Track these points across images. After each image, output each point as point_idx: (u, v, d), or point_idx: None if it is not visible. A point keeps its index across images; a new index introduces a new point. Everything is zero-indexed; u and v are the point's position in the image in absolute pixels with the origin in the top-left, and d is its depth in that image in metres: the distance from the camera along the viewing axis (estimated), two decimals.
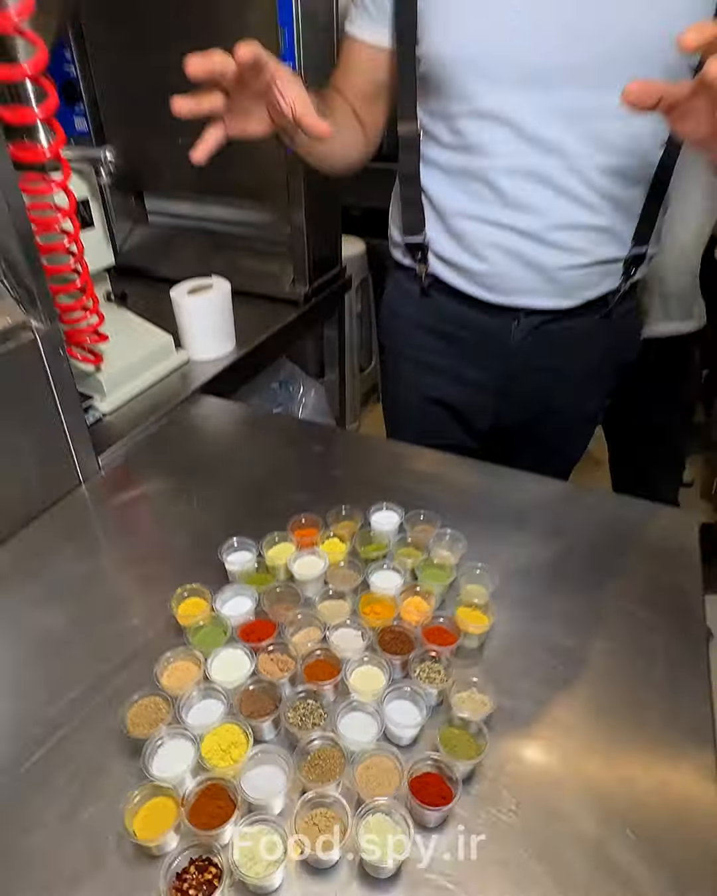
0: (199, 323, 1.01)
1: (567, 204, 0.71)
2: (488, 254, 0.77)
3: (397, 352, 0.95)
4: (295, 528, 0.64)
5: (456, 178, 0.76)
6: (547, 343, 0.82)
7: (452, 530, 0.63)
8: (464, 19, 0.66)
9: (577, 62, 0.63)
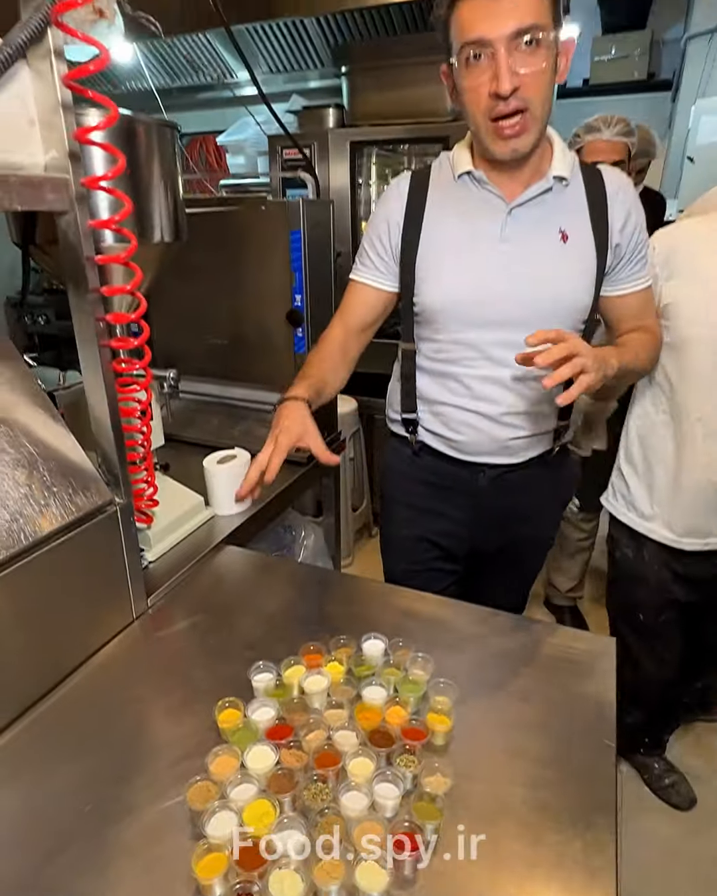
0: (224, 486, 1.27)
1: (514, 397, 1.07)
2: (462, 429, 1.12)
3: (394, 499, 1.30)
4: (305, 654, 0.85)
5: (439, 379, 1.12)
6: (505, 487, 1.16)
7: (423, 654, 0.83)
8: (447, 286, 1.02)
9: (521, 315, 1.00)
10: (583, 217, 1.01)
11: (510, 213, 1.00)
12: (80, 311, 0.81)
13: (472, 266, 1.02)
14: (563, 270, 1.00)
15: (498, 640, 0.93)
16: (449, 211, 1.04)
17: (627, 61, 4.52)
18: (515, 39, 0.83)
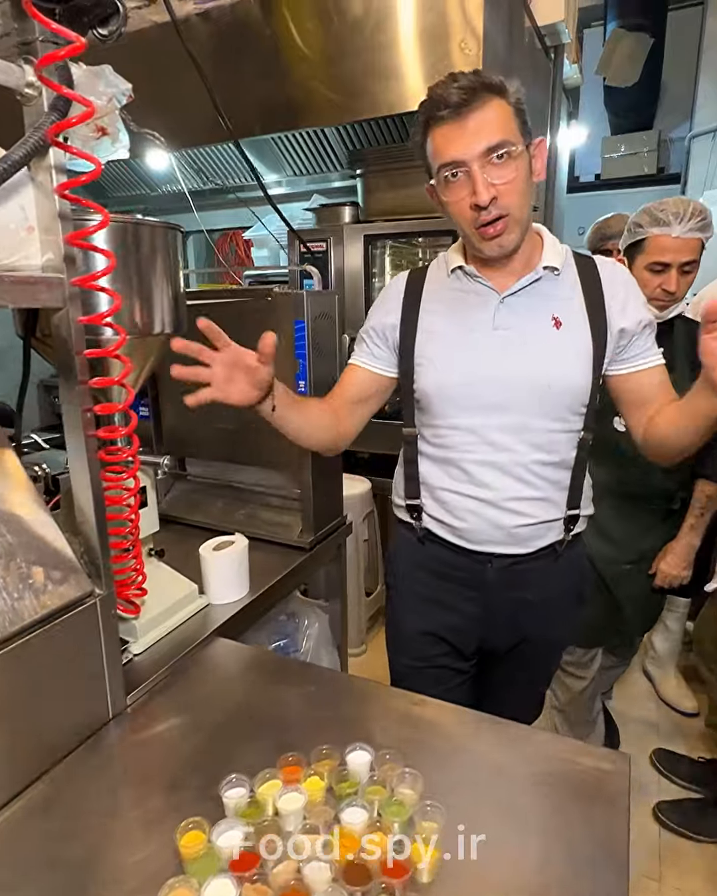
0: (219, 574, 1.23)
1: (515, 483, 1.05)
2: (464, 515, 1.09)
3: (401, 589, 1.24)
4: (283, 766, 0.78)
5: (440, 464, 1.11)
6: (514, 579, 1.11)
7: (412, 770, 0.76)
8: (443, 372, 1.05)
9: (516, 398, 1.01)
10: (577, 304, 1.03)
11: (503, 301, 1.03)
12: (69, 401, 0.83)
13: (466, 352, 1.04)
14: (556, 354, 1.02)
15: (500, 754, 0.84)
16: (444, 304, 1.08)
17: (636, 158, 4.77)
18: (486, 156, 0.90)
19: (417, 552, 1.19)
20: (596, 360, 1.03)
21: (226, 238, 4.13)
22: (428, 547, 1.17)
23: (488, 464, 1.05)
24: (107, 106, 0.76)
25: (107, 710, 0.91)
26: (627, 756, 0.84)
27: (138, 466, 0.93)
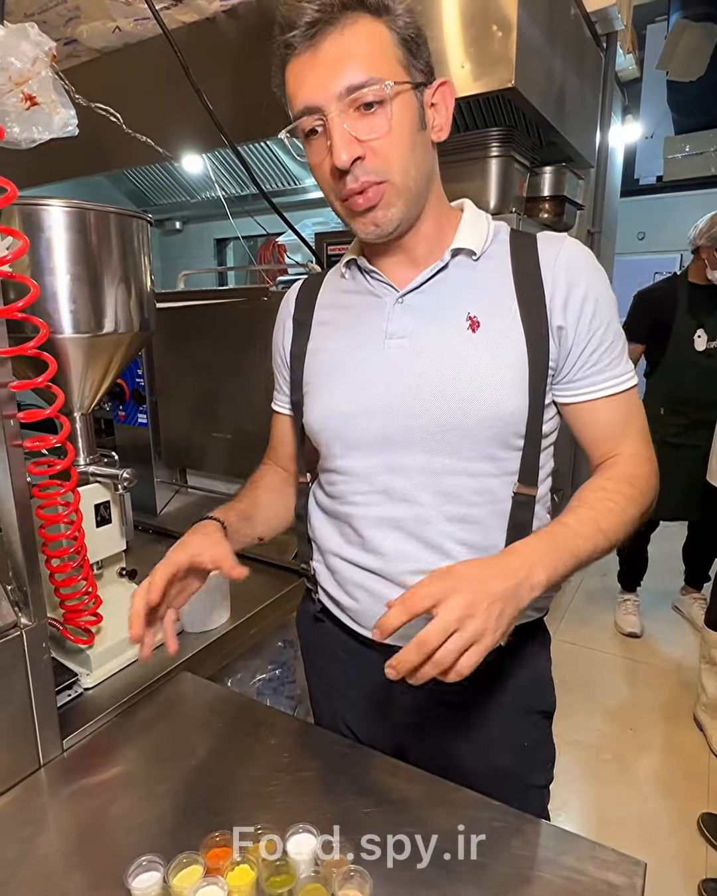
0: (193, 601, 1.11)
1: (421, 550, 0.77)
2: (356, 593, 0.82)
3: (307, 664, 1.02)
4: (208, 849, 0.65)
5: (333, 521, 0.86)
6: (437, 696, 0.80)
7: (360, 868, 0.61)
8: (325, 400, 0.81)
9: (411, 431, 0.75)
10: (505, 296, 0.75)
11: (400, 301, 0.77)
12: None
13: (348, 373, 0.79)
14: (472, 365, 0.73)
15: (484, 850, 0.68)
16: (337, 311, 0.84)
17: (702, 158, 4.48)
18: (348, 100, 0.66)
19: (314, 629, 0.95)
20: (534, 371, 0.74)
21: (268, 245, 4.09)
22: (326, 626, 0.91)
23: (385, 521, 0.78)
24: (30, 69, 0.66)
25: (36, 756, 0.80)
26: (642, 864, 0.66)
27: (75, 481, 0.83)
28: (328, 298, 0.86)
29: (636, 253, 5.64)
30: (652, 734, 2.10)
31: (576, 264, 0.75)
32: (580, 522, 0.70)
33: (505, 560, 0.64)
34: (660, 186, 5.00)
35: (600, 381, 0.76)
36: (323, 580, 0.89)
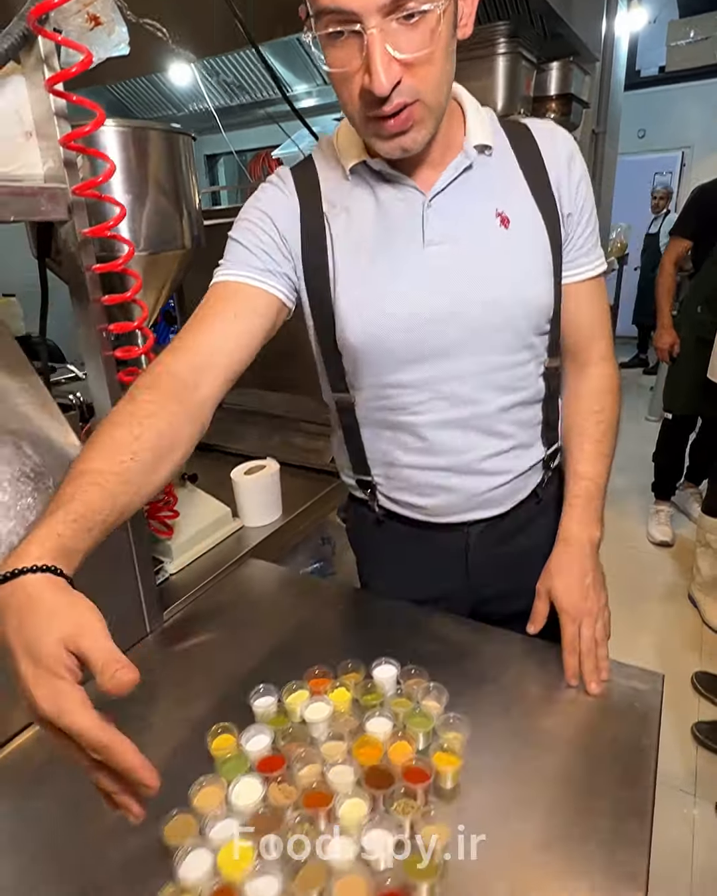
0: (252, 497, 1.24)
1: (487, 440, 0.84)
2: (428, 491, 0.87)
3: (367, 571, 1.06)
4: (310, 678, 0.79)
5: (388, 433, 0.86)
6: (497, 536, 0.92)
7: (437, 684, 0.76)
8: (370, 318, 0.77)
9: (470, 337, 0.77)
10: (521, 189, 0.77)
11: (429, 205, 0.75)
12: (85, 322, 0.81)
13: (397, 285, 0.76)
14: (512, 263, 0.76)
15: (527, 672, 0.84)
16: (352, 219, 0.78)
17: (706, 44, 4.25)
18: (392, 12, 0.58)
19: (376, 533, 0.99)
20: (555, 259, 0.79)
21: (258, 159, 3.95)
22: (391, 525, 0.96)
23: (448, 424, 0.82)
24: None
25: (144, 624, 0.95)
26: (660, 675, 0.82)
27: None
28: (338, 204, 0.78)
29: (635, 153, 5.45)
30: (650, 611, 2.32)
31: (571, 151, 0.79)
32: (592, 464, 0.88)
33: (575, 556, 0.86)
34: (663, 78, 4.77)
35: (585, 264, 0.83)
36: (385, 490, 0.91)
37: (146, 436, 0.62)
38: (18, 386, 0.85)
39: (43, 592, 0.47)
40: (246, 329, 0.75)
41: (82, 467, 0.57)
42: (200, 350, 0.72)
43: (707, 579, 2.21)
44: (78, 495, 0.54)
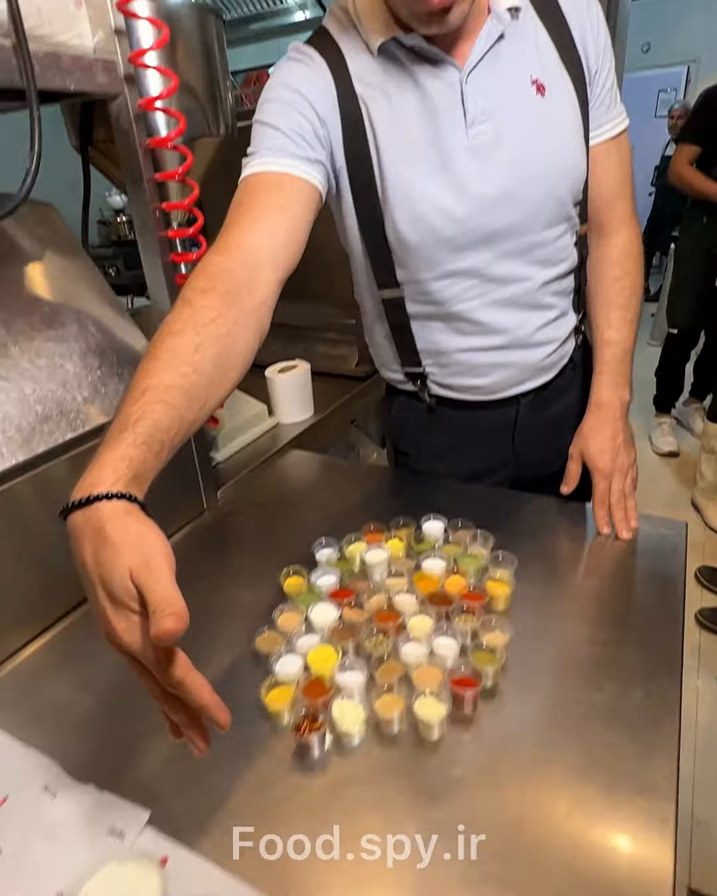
0: (286, 395, 1.29)
1: (532, 314, 0.87)
2: (484, 371, 0.91)
3: (413, 459, 1.08)
4: (366, 532, 0.87)
5: (440, 324, 0.88)
6: (541, 404, 0.97)
7: (483, 531, 0.84)
8: (422, 209, 0.76)
9: (520, 217, 0.78)
10: (550, 52, 0.75)
11: (467, 82, 0.72)
12: (137, 202, 0.84)
13: (446, 173, 0.75)
14: (554, 134, 0.76)
15: (562, 527, 0.92)
16: (395, 104, 0.74)
17: None
18: None
19: (426, 421, 1.01)
20: (584, 122, 0.79)
21: (250, 80, 3.80)
22: (440, 412, 0.99)
23: (499, 304, 0.85)
24: None
25: (202, 501, 1.02)
26: (683, 523, 0.90)
27: None
28: (372, 81, 0.74)
29: (639, 69, 5.24)
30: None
31: (591, 3, 0.77)
32: (618, 330, 0.92)
33: (606, 419, 0.92)
34: None
35: (606, 122, 0.82)
36: (438, 377, 0.94)
37: (206, 345, 0.57)
38: (78, 274, 0.88)
39: (116, 521, 0.45)
40: (295, 223, 0.70)
41: (145, 383, 0.53)
42: (252, 247, 0.66)
43: (711, 484, 2.30)
44: (145, 415, 0.51)
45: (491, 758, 0.58)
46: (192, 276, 0.63)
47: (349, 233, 0.85)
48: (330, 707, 0.61)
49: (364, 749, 0.60)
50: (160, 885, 0.48)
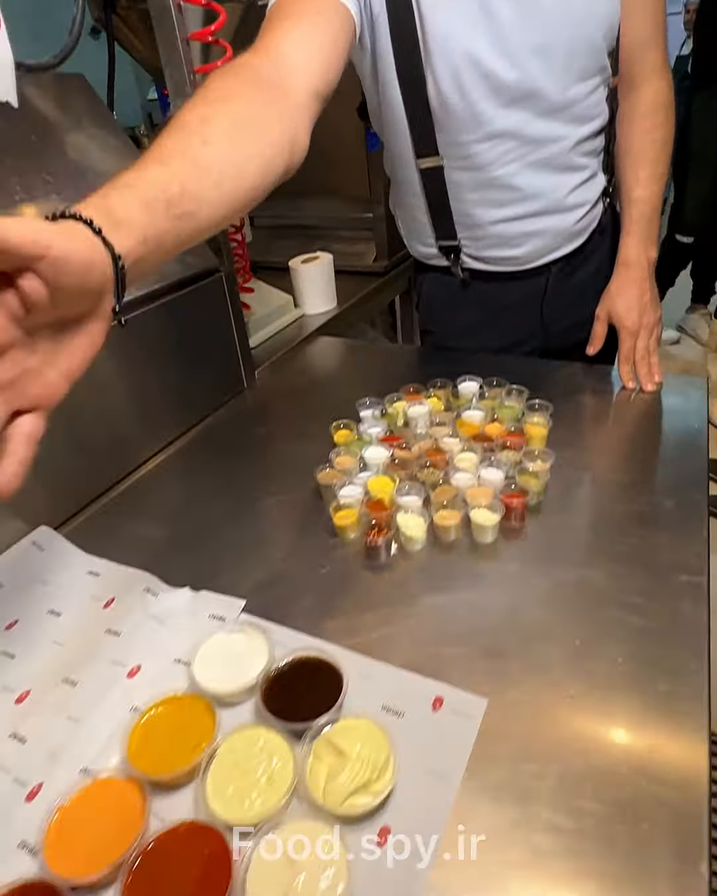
0: (310, 285, 1.32)
1: (567, 176, 0.89)
2: (519, 241, 0.94)
3: (442, 336, 1.11)
4: (406, 392, 0.92)
5: (478, 194, 0.90)
6: (570, 270, 1.00)
7: (518, 386, 0.89)
8: (466, 68, 0.77)
9: (552, 70, 0.79)
10: None
11: None
12: (172, 63, 0.83)
13: (485, 18, 0.74)
14: None
15: (589, 387, 0.96)
16: None
17: None
18: None
19: (458, 296, 1.04)
20: None
21: None
22: (473, 286, 1.02)
23: (535, 166, 0.86)
24: None
25: (242, 379, 1.06)
26: (703, 377, 0.95)
27: None
28: None
29: None
30: None
31: None
32: (647, 187, 0.92)
33: (634, 277, 0.94)
34: None
35: None
36: (472, 250, 0.97)
37: (218, 120, 0.49)
38: (112, 143, 0.89)
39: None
40: (333, 41, 0.66)
41: (140, 158, 0.45)
42: (286, 51, 0.61)
43: (715, 384, 2.36)
44: (133, 172, 0.43)
45: (540, 558, 0.65)
46: (211, 74, 0.56)
47: (387, 99, 0.85)
48: (395, 517, 0.67)
49: (425, 553, 0.67)
50: (268, 644, 0.55)
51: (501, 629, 0.57)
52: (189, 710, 0.50)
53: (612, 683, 0.52)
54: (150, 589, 0.64)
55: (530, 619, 0.58)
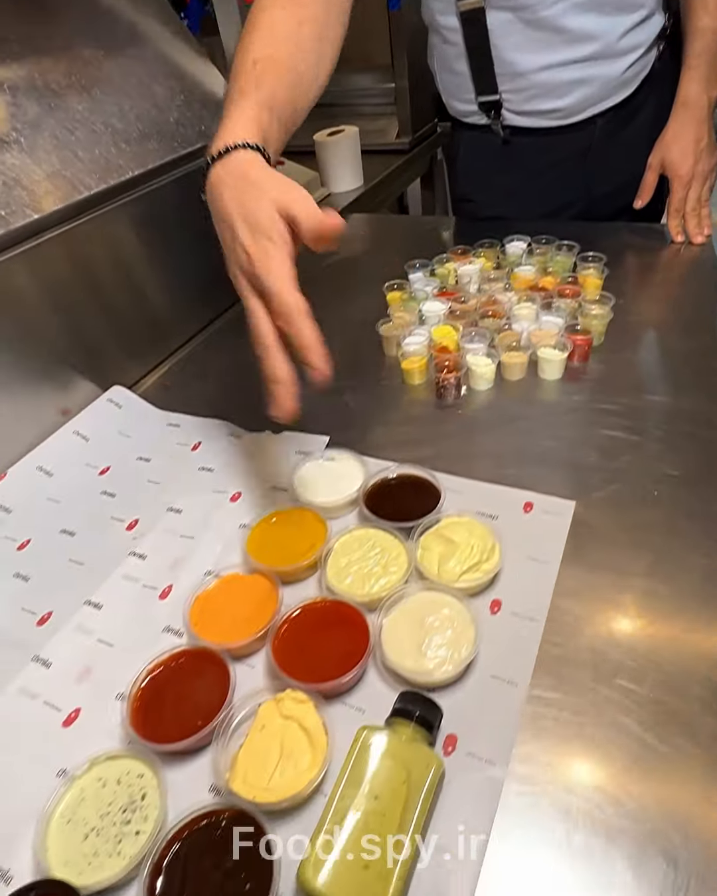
0: (336, 160, 1.27)
1: (620, 16, 0.83)
2: (565, 90, 0.89)
3: (481, 204, 1.08)
4: (453, 253, 0.91)
5: (522, 36, 0.85)
6: (618, 122, 0.94)
7: (568, 241, 0.88)
8: None
9: None
10: None
11: None
12: None
13: None
14: None
15: (637, 244, 0.95)
16: None
17: None
18: None
19: (499, 156, 1.00)
20: None
21: None
22: (514, 144, 0.98)
23: (585, 6, 0.81)
24: None
25: None
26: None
27: None
28: None
29: None
30: None
31: None
32: (716, 16, 0.84)
33: (692, 120, 0.89)
34: None
35: None
36: (515, 104, 0.93)
37: (307, 28, 0.60)
38: (153, 11, 0.84)
39: (257, 167, 0.48)
40: None
41: (253, 56, 0.56)
42: None
43: None
44: (261, 85, 0.54)
45: (607, 389, 0.67)
46: None
47: None
48: (464, 358, 0.69)
49: (493, 392, 0.69)
50: (362, 466, 0.58)
51: (577, 448, 0.60)
52: (298, 519, 0.53)
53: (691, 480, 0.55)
54: (233, 433, 0.66)
55: (602, 438, 0.61)
